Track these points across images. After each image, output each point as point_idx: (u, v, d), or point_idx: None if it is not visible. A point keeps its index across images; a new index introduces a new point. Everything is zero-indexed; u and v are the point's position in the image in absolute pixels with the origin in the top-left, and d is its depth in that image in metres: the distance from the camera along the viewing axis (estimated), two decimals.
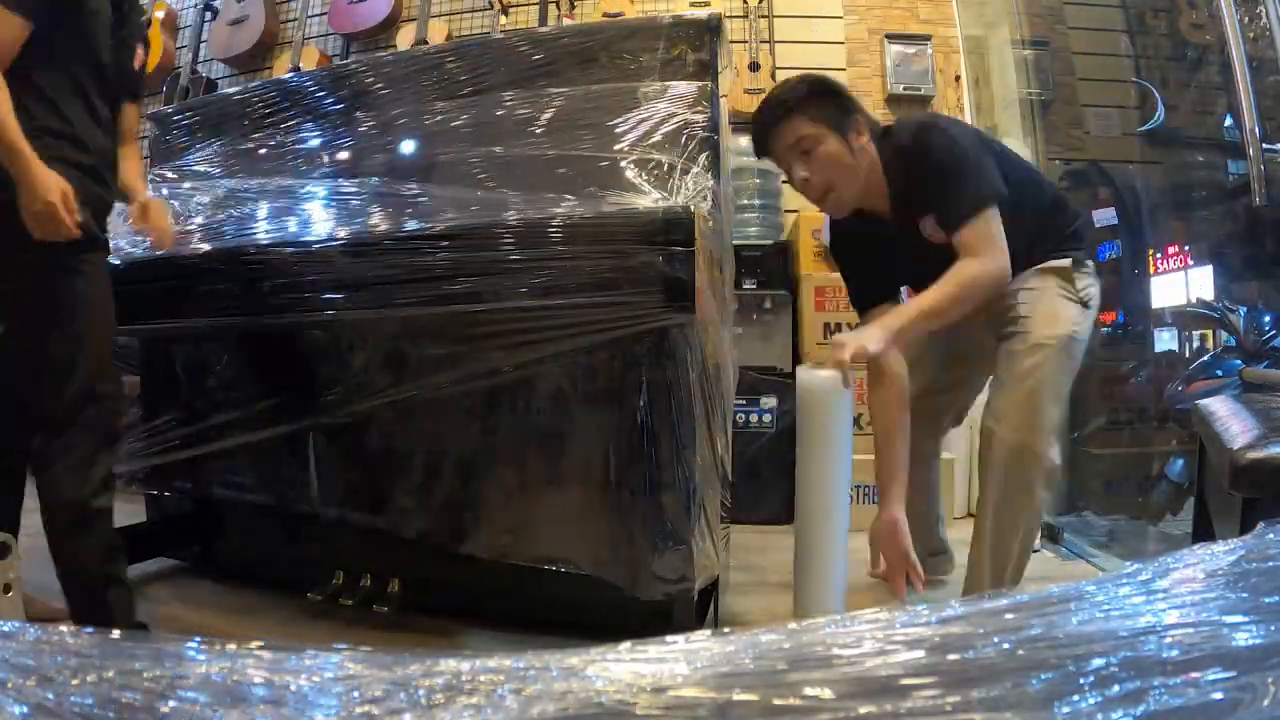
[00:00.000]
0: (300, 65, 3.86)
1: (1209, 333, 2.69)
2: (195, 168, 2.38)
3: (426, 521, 1.83)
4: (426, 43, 3.73)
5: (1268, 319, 2.36)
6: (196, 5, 4.31)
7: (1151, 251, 2.97)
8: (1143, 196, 3.21)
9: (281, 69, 4.02)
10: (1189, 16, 3.14)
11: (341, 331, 1.88)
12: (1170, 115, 3.13)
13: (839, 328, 3.28)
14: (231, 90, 2.74)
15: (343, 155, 2.14)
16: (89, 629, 0.45)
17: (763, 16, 3.82)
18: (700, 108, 1.81)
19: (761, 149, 1.80)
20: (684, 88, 1.87)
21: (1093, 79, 3.42)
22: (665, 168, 1.70)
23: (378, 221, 1.77)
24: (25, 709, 0.38)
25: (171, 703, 0.39)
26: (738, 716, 0.38)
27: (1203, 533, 1.60)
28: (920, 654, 0.42)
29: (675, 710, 0.38)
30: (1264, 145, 1.97)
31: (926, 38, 3.72)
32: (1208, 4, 2.70)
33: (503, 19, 3.87)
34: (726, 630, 0.48)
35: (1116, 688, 0.38)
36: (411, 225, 1.69)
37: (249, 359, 2.07)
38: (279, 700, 0.40)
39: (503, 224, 1.58)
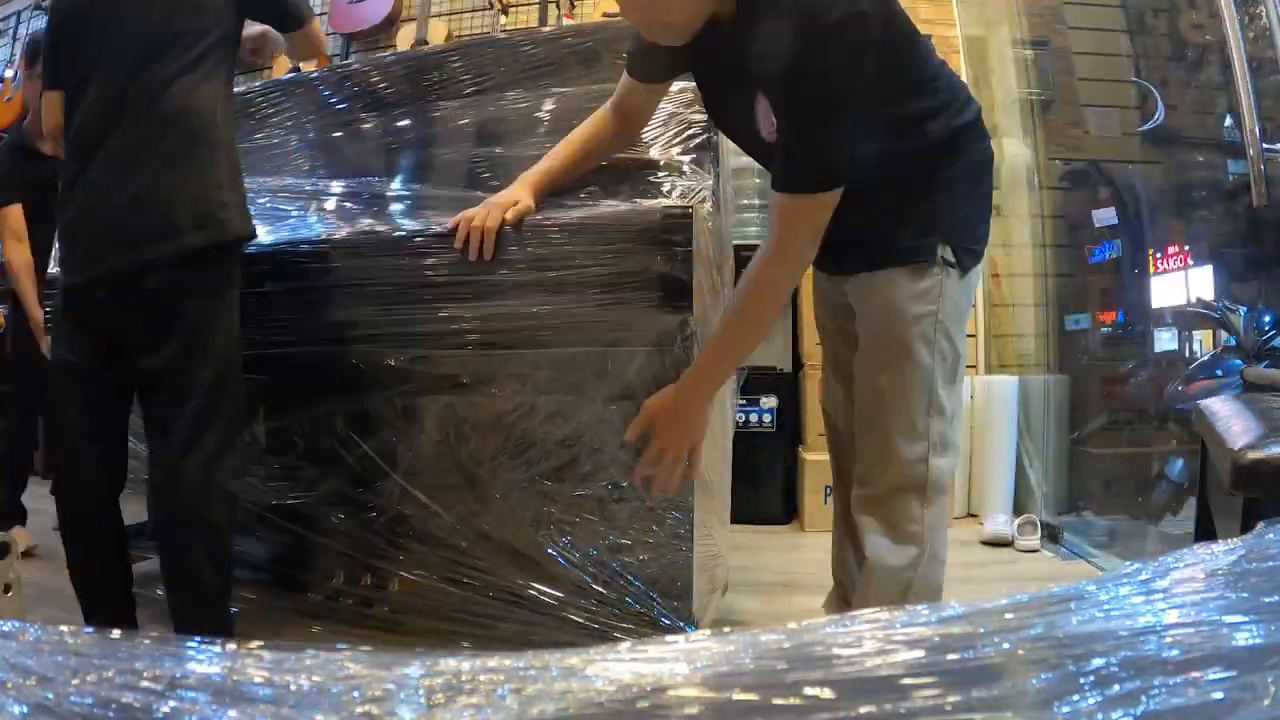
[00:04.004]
0: (300, 65, 3.86)
1: (1209, 332, 2.68)
2: None
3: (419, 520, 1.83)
4: (426, 43, 3.73)
5: (1268, 319, 2.36)
6: None
7: (1151, 251, 2.97)
8: (1143, 196, 3.20)
9: (281, 69, 4.02)
10: (1189, 16, 3.13)
11: (340, 331, 1.87)
12: (1170, 115, 3.13)
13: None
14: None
15: (343, 155, 2.14)
16: (89, 629, 0.45)
17: None
18: (700, 108, 1.81)
19: None
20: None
21: (1093, 79, 3.41)
22: (665, 168, 1.70)
23: (378, 222, 1.77)
24: (25, 709, 0.38)
25: (171, 703, 0.39)
26: (738, 716, 0.38)
27: (1204, 533, 1.60)
28: (920, 654, 0.42)
29: (675, 710, 0.38)
30: (1264, 145, 1.96)
31: (926, 38, 3.71)
32: (1208, 4, 2.70)
33: (503, 19, 3.87)
34: (726, 630, 0.48)
35: (1116, 688, 0.38)
36: (413, 225, 1.69)
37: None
38: (279, 700, 0.40)
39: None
